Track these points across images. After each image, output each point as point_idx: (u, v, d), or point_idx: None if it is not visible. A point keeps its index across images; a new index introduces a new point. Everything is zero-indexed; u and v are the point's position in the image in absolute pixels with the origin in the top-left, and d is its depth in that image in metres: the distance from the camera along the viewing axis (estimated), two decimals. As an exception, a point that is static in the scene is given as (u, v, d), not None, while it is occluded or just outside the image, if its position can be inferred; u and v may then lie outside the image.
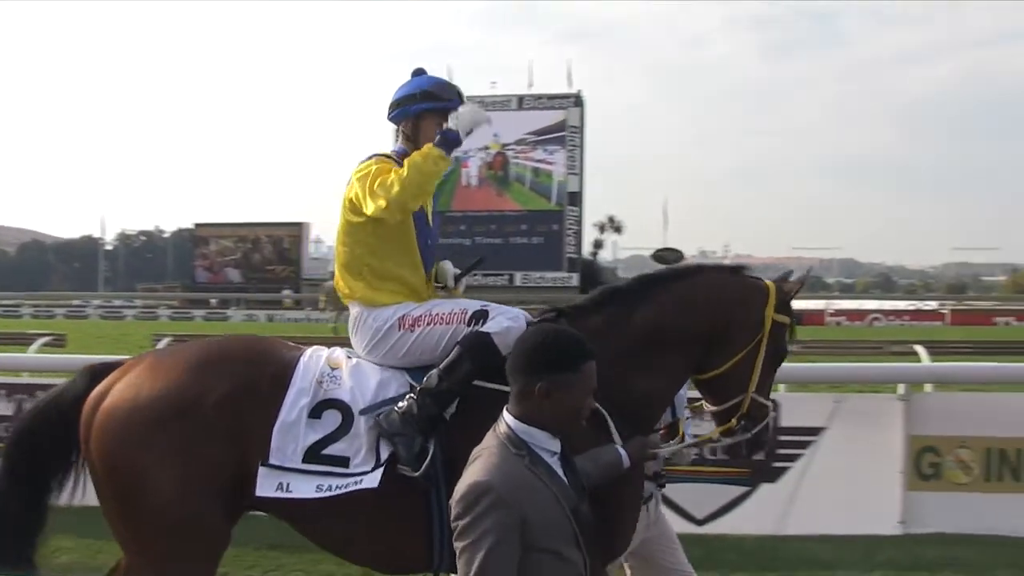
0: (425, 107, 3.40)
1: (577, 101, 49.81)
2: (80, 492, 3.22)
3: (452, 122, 3.26)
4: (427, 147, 3.23)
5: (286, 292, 48.71)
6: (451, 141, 3.24)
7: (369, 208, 3.20)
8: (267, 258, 55.29)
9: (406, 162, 3.20)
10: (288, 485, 3.02)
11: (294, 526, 3.20)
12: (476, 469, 2.26)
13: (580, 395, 2.32)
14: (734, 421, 3.24)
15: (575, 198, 48.85)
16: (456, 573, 3.06)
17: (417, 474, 2.99)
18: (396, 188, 3.13)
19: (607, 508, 2.86)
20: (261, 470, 3.02)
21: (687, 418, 3.48)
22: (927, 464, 5.99)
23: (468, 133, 3.27)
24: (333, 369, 3.21)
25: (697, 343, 3.23)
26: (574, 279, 47.11)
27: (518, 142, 49.39)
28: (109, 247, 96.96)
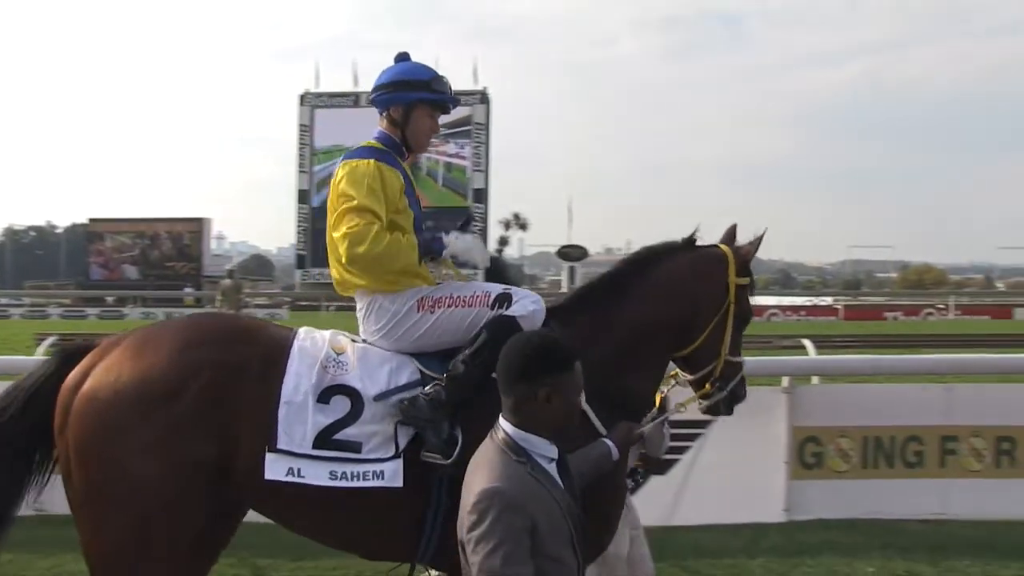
0: (420, 97, 3.36)
1: (483, 98, 49.74)
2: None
3: (449, 236, 3.30)
4: (414, 249, 3.20)
5: (188, 289, 47.39)
6: (433, 251, 3.27)
7: (333, 233, 3.16)
8: (166, 254, 53.40)
9: (390, 239, 3.13)
10: (299, 470, 2.94)
11: (286, 514, 3.11)
12: (483, 477, 2.29)
13: (576, 394, 2.41)
14: (708, 386, 3.38)
15: (481, 195, 48.74)
16: (437, 567, 3.14)
17: (448, 462, 2.95)
18: (361, 249, 3.09)
19: (593, 502, 2.90)
20: (268, 455, 2.93)
21: (672, 386, 3.57)
22: (809, 453, 6.22)
23: (452, 257, 3.30)
24: (338, 354, 3.13)
25: (675, 328, 3.34)
26: (479, 276, 47.16)
27: (426, 137, 49.03)
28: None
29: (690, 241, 3.45)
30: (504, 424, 2.39)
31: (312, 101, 49.63)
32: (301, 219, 49.15)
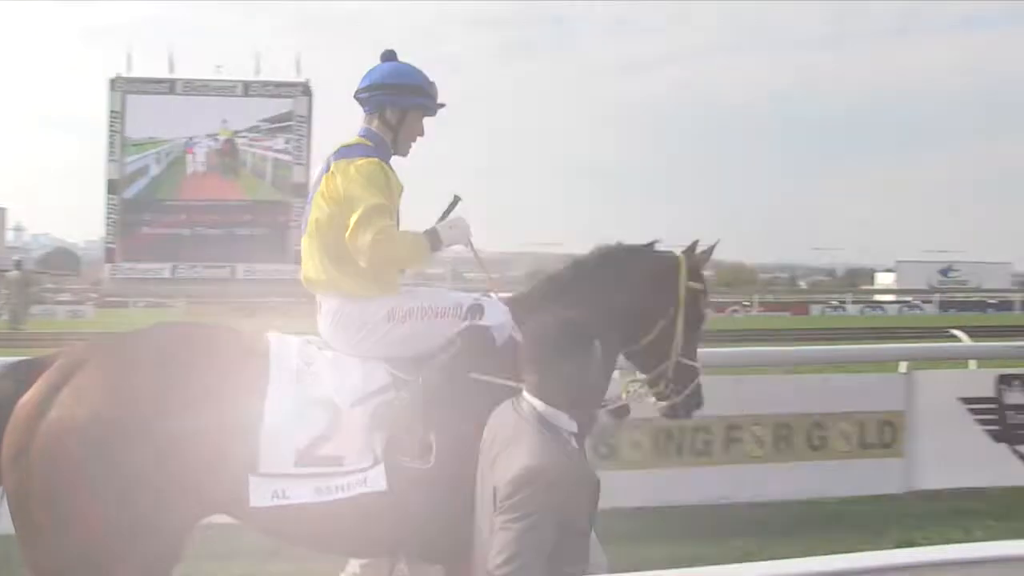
0: (417, 103, 3.35)
1: (305, 90, 48.76)
2: None
3: (445, 231, 3.33)
4: (427, 249, 3.26)
5: (-19, 285, 43.96)
6: (436, 247, 3.31)
7: (359, 237, 3.10)
8: (-45, 246, 49.51)
9: (410, 239, 3.22)
10: (284, 491, 2.87)
11: (267, 528, 3.02)
12: (524, 453, 2.39)
13: (596, 371, 2.57)
14: (662, 385, 3.57)
15: (301, 189, 47.77)
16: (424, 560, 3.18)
17: (428, 466, 2.93)
18: (389, 252, 3.11)
19: None
20: (252, 480, 2.82)
21: (639, 387, 3.71)
22: (604, 445, 6.37)
23: (448, 246, 3.34)
24: (308, 365, 3.03)
25: (627, 323, 3.48)
26: (300, 273, 46.19)
27: (250, 129, 47.64)
28: None
29: (648, 244, 3.67)
30: (532, 400, 2.50)
31: (124, 86, 47.10)
32: (111, 211, 46.62)
